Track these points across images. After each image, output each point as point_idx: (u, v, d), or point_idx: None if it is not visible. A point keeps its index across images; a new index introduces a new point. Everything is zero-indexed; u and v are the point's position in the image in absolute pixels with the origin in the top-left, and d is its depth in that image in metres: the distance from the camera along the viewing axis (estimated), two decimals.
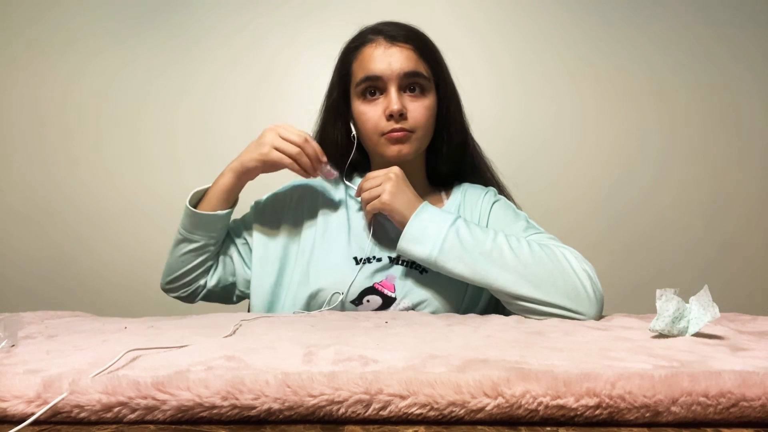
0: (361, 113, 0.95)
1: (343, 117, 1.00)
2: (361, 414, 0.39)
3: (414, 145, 0.95)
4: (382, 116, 0.93)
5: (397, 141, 0.93)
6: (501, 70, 1.78)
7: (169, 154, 1.77)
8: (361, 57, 0.95)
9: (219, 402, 0.39)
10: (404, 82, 0.93)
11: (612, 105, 1.78)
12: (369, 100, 0.94)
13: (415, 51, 0.94)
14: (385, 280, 0.93)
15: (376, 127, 0.94)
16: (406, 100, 0.93)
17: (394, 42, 0.93)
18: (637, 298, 1.66)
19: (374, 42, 0.95)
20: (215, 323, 0.71)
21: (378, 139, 0.94)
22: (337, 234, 0.97)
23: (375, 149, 0.97)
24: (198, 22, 1.77)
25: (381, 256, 0.94)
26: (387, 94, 0.93)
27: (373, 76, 0.93)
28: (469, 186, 1.06)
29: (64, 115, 1.76)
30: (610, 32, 1.77)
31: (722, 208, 1.77)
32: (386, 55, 0.93)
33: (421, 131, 0.95)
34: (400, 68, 0.92)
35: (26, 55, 1.76)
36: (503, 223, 0.97)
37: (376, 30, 0.96)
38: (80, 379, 0.40)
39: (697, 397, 0.39)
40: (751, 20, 1.77)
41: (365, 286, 0.92)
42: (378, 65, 0.92)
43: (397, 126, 0.92)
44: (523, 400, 0.39)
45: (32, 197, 1.76)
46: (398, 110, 0.91)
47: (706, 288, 0.59)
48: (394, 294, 0.92)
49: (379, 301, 0.91)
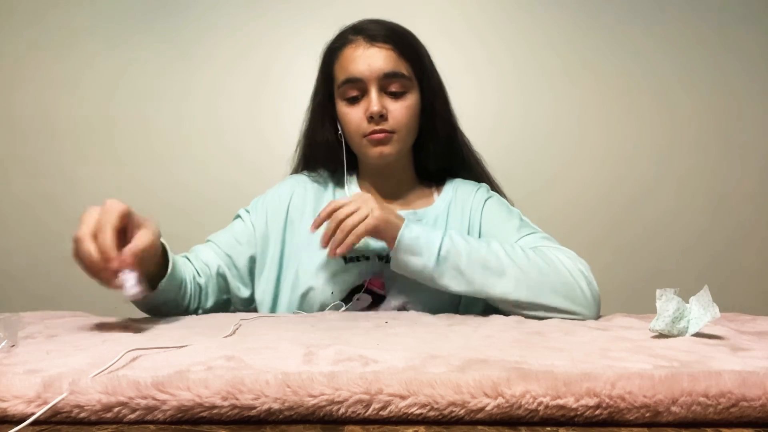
0: (344, 114, 0.96)
1: (330, 117, 1.00)
2: (361, 414, 0.39)
3: (396, 145, 0.95)
4: (364, 118, 0.93)
5: (378, 142, 0.93)
6: (501, 70, 1.78)
7: (173, 154, 1.77)
8: (342, 58, 0.95)
9: (219, 402, 0.39)
10: (384, 83, 0.93)
11: (611, 105, 1.78)
12: (351, 101, 0.94)
13: (395, 50, 0.93)
14: (374, 278, 0.93)
15: (358, 128, 0.94)
16: (387, 101, 0.93)
17: (374, 42, 0.93)
18: (638, 298, 1.65)
19: (354, 42, 0.94)
20: (215, 323, 0.71)
21: (360, 140, 0.95)
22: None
23: (359, 150, 0.98)
24: (201, 20, 1.77)
25: (369, 255, 0.94)
26: (368, 96, 0.93)
27: (353, 78, 0.93)
28: (461, 182, 1.05)
29: (70, 114, 1.76)
30: (610, 33, 1.77)
31: (722, 208, 1.77)
32: (366, 57, 0.92)
33: (402, 131, 0.95)
34: (380, 69, 0.92)
35: (31, 53, 1.76)
36: (497, 220, 0.97)
37: (357, 29, 0.96)
38: (80, 379, 0.40)
39: (697, 397, 0.39)
40: (751, 19, 1.77)
41: (354, 284, 0.92)
42: (358, 67, 0.92)
43: (378, 127, 0.93)
44: (523, 400, 0.39)
45: (35, 197, 1.75)
46: (378, 112, 0.91)
47: (706, 288, 0.59)
48: (384, 292, 0.92)
49: (368, 299, 0.92)
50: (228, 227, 1.00)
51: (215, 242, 0.96)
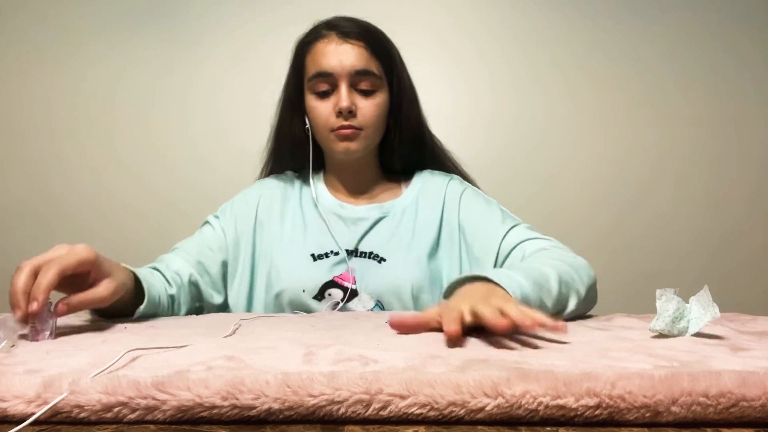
0: (313, 108, 0.96)
1: (299, 111, 1.00)
2: (362, 414, 0.39)
3: (363, 142, 0.96)
4: (332, 112, 0.94)
5: (345, 138, 0.94)
6: (495, 73, 1.78)
7: (174, 153, 1.77)
8: (314, 52, 0.96)
9: (219, 402, 0.39)
10: (355, 80, 0.94)
11: (607, 106, 1.78)
12: (320, 95, 0.95)
13: (367, 48, 0.94)
14: (344, 273, 0.94)
15: (326, 122, 0.95)
16: (357, 98, 0.94)
17: (347, 39, 0.94)
18: (639, 298, 1.66)
19: (327, 38, 0.95)
20: (215, 323, 0.71)
21: (328, 134, 0.96)
22: (293, 233, 0.99)
23: (326, 144, 0.99)
24: (201, 19, 1.77)
25: (338, 250, 0.96)
26: (338, 91, 0.94)
27: (324, 72, 0.94)
28: (430, 173, 1.06)
29: (70, 114, 1.76)
30: (606, 34, 1.77)
31: (720, 208, 1.77)
32: (338, 52, 0.93)
33: (370, 128, 0.96)
34: (352, 66, 0.93)
35: (31, 54, 1.76)
36: (477, 213, 0.98)
37: (330, 25, 0.97)
38: (80, 379, 0.40)
39: (697, 397, 0.39)
40: (748, 20, 1.77)
41: (325, 280, 0.93)
42: (329, 61, 0.93)
43: (346, 123, 0.94)
44: (523, 400, 0.39)
45: (36, 196, 1.75)
46: (347, 107, 0.92)
47: (706, 288, 0.59)
48: (355, 285, 0.93)
49: (340, 293, 0.93)
50: (196, 235, 1.00)
51: (184, 250, 0.95)
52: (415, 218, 0.99)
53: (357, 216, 1.00)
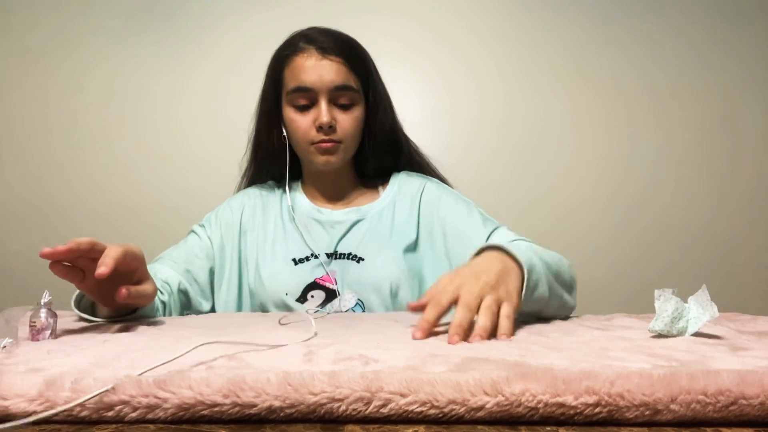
0: (292, 121, 0.98)
1: (276, 121, 1.02)
2: (362, 412, 0.40)
3: (342, 154, 0.99)
4: (312, 126, 0.96)
5: (326, 152, 0.97)
6: (485, 78, 1.78)
7: (172, 153, 1.77)
8: (293, 66, 0.97)
9: (221, 400, 0.39)
10: (334, 95, 0.96)
11: (605, 108, 1.78)
12: (300, 109, 0.97)
13: (345, 64, 0.96)
14: (325, 275, 0.96)
15: (306, 136, 0.97)
16: (336, 112, 0.96)
17: (326, 54, 0.95)
18: (641, 299, 1.65)
19: (306, 52, 0.96)
20: (215, 323, 0.72)
21: (308, 147, 0.98)
22: (274, 240, 1.01)
23: (305, 156, 1.01)
24: (197, 20, 1.77)
25: (318, 253, 0.98)
26: (317, 106, 0.95)
27: (304, 87, 0.95)
28: (407, 175, 1.09)
29: (70, 114, 1.76)
30: (602, 34, 1.77)
31: (720, 208, 1.77)
32: (317, 68, 0.95)
33: (348, 141, 0.98)
34: (331, 81, 0.95)
35: (31, 55, 1.76)
36: (457, 215, 1.00)
37: (309, 38, 0.98)
38: (82, 378, 0.40)
39: (695, 395, 0.39)
40: (744, 21, 1.77)
41: (306, 282, 0.95)
42: (309, 77, 0.95)
43: (326, 137, 0.96)
44: (523, 398, 0.39)
45: (34, 195, 1.76)
46: (328, 123, 0.94)
47: (704, 288, 0.60)
48: (336, 286, 0.95)
49: (322, 295, 0.95)
50: (181, 244, 1.02)
51: (171, 259, 0.97)
52: (392, 219, 1.02)
53: (334, 220, 1.02)
